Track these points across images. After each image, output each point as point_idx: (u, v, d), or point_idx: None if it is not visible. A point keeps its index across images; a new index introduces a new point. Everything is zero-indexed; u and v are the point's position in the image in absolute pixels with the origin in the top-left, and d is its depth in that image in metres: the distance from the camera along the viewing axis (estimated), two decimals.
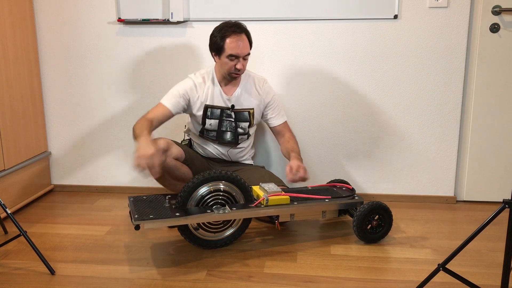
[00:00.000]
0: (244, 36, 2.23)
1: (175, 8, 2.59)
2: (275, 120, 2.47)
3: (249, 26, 2.37)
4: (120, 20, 2.67)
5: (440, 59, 2.59)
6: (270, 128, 2.52)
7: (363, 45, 2.61)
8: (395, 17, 2.55)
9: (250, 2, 2.60)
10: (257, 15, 2.61)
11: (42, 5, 2.73)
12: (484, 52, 2.55)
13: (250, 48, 2.29)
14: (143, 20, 2.65)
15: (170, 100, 2.31)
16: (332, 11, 2.57)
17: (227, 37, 2.20)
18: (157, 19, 2.64)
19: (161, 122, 2.29)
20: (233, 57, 2.22)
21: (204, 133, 2.41)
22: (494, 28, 2.52)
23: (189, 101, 2.33)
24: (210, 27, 2.54)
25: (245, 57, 2.25)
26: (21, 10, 2.60)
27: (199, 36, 2.67)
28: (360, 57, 2.63)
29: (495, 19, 2.51)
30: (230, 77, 2.31)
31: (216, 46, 2.25)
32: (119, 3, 2.65)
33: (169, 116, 2.31)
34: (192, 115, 2.41)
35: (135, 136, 2.14)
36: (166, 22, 2.65)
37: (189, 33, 2.68)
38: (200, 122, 2.38)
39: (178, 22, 2.65)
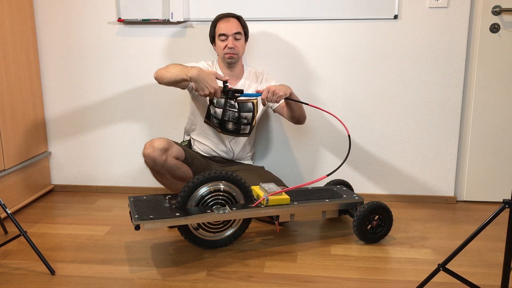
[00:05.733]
0: (232, 19, 2.38)
1: (175, 8, 2.59)
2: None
3: (249, 26, 2.38)
4: (120, 20, 2.67)
5: (440, 59, 2.59)
6: (277, 111, 2.48)
7: (363, 45, 2.61)
8: (395, 17, 2.55)
9: (250, 2, 2.60)
10: (257, 15, 2.61)
11: (42, 5, 2.73)
12: (484, 52, 2.55)
13: (245, 33, 2.41)
14: (143, 20, 2.65)
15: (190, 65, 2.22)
16: (332, 11, 2.57)
17: (217, 22, 2.38)
18: (157, 19, 2.64)
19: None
20: (223, 36, 2.35)
21: (210, 119, 2.43)
22: (494, 28, 2.52)
23: None
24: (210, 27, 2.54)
25: (236, 37, 2.35)
26: (21, 10, 2.60)
27: (199, 36, 2.67)
28: (360, 57, 2.63)
29: (495, 19, 2.51)
30: (226, 61, 2.38)
31: (211, 33, 2.42)
32: (119, 3, 2.65)
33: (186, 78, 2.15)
34: (200, 100, 2.42)
35: (176, 71, 2.13)
36: (166, 22, 2.65)
37: (189, 33, 2.68)
38: (206, 109, 2.41)
39: (178, 22, 2.65)
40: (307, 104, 2.27)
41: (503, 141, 2.64)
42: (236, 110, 2.41)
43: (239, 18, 2.40)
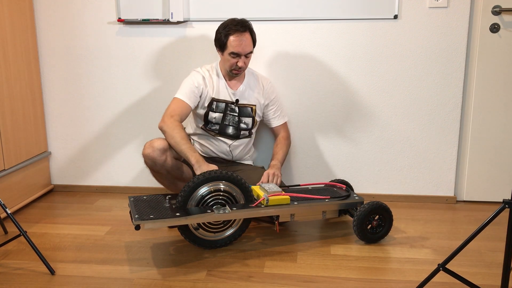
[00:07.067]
0: (247, 35, 2.26)
1: (175, 8, 2.59)
2: (276, 121, 2.51)
3: None
4: (120, 20, 2.67)
5: (440, 59, 2.59)
6: (270, 128, 2.55)
7: (363, 45, 2.61)
8: (395, 17, 2.55)
9: (250, 2, 2.60)
10: (257, 15, 2.61)
11: (42, 5, 2.73)
12: (484, 52, 2.55)
13: (254, 47, 2.32)
14: (143, 20, 2.65)
15: (187, 95, 2.30)
16: (332, 11, 2.57)
17: (231, 34, 2.24)
18: (157, 19, 2.63)
19: (184, 120, 2.30)
20: (235, 54, 2.26)
21: (207, 126, 2.41)
22: (494, 28, 2.52)
23: (201, 94, 2.35)
24: (210, 27, 2.55)
25: (247, 55, 2.28)
26: (21, 10, 2.60)
27: (199, 36, 2.67)
28: (360, 57, 2.63)
29: (495, 19, 2.51)
30: (231, 74, 2.34)
31: (220, 42, 2.29)
32: (119, 3, 2.65)
33: (189, 111, 2.32)
34: (198, 108, 2.41)
35: (179, 147, 2.16)
36: (166, 22, 2.65)
37: (189, 33, 2.68)
38: (203, 117, 2.39)
39: (178, 22, 2.65)
40: (299, 185, 2.43)
41: (503, 141, 2.64)
42: (236, 114, 2.40)
43: (251, 31, 2.28)
